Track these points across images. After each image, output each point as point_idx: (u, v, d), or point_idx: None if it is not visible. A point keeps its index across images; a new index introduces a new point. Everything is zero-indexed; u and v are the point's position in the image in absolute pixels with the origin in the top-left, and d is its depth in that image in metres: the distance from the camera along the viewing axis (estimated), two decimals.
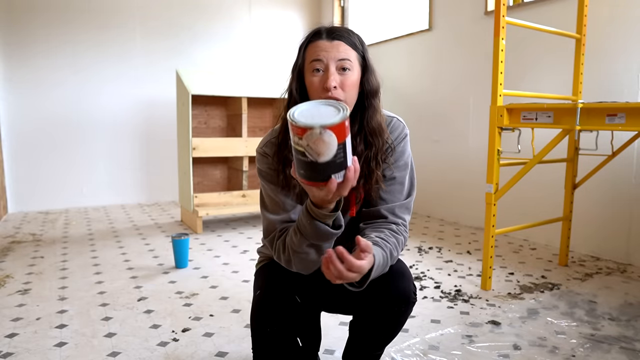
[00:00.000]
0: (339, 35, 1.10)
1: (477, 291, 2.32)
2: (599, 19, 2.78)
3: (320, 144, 0.86)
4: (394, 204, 1.18)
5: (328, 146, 0.87)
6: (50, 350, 1.71)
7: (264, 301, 1.18)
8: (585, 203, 2.90)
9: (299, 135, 0.87)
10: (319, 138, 0.86)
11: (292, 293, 1.19)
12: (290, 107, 1.11)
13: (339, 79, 1.08)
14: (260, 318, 1.17)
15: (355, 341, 1.33)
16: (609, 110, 1.95)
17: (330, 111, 0.91)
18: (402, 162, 1.22)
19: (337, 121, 0.86)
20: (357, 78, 1.11)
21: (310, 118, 0.88)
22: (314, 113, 0.90)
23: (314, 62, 1.09)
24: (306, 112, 0.91)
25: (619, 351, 1.70)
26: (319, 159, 0.88)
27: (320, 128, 0.85)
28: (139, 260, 2.85)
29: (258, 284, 1.26)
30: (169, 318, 2.00)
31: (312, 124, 0.85)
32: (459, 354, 1.68)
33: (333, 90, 1.07)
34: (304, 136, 0.86)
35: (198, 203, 3.64)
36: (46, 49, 4.30)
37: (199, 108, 4.05)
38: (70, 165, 4.49)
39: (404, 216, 1.19)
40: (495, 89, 2.21)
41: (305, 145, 0.87)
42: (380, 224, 1.16)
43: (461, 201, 3.84)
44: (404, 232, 1.17)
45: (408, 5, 4.50)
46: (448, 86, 3.92)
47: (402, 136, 1.23)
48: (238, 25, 5.11)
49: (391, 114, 1.25)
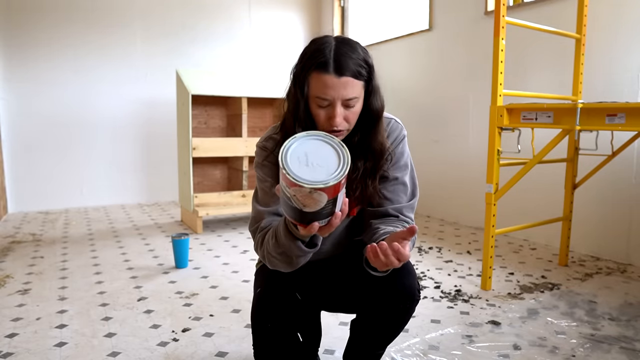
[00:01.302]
0: (346, 68, 1.05)
1: (477, 291, 2.32)
2: (599, 19, 2.78)
3: (309, 199, 0.80)
4: (400, 205, 1.20)
5: (316, 202, 0.81)
6: (50, 350, 1.71)
7: (264, 297, 1.19)
8: (585, 203, 2.90)
9: (287, 185, 0.79)
10: (308, 195, 0.79)
11: (293, 290, 1.20)
12: (294, 114, 1.10)
13: (344, 114, 1.08)
14: (261, 314, 1.18)
15: (356, 340, 1.33)
16: (609, 110, 1.95)
17: (328, 156, 0.83)
18: (402, 162, 1.24)
19: (331, 183, 0.78)
20: (360, 106, 1.11)
21: (304, 163, 0.80)
22: (310, 157, 0.82)
23: (319, 99, 1.07)
24: (301, 153, 0.82)
25: (619, 351, 1.70)
26: (304, 209, 0.82)
27: (310, 188, 0.77)
28: (139, 260, 2.85)
29: (258, 282, 1.27)
30: (169, 318, 2.00)
31: (301, 183, 0.77)
32: (459, 354, 1.68)
33: (338, 124, 1.08)
34: (291, 188, 0.79)
35: (198, 203, 3.64)
36: (46, 49, 4.30)
37: (199, 108, 4.05)
38: (70, 166, 4.49)
39: (411, 216, 1.22)
40: (495, 89, 2.21)
41: (292, 195, 0.80)
42: (393, 221, 1.17)
43: (461, 201, 3.84)
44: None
45: (408, 5, 4.50)
46: (448, 86, 3.92)
47: (400, 138, 1.25)
48: (238, 25, 5.11)
49: (389, 116, 1.26)
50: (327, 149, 0.84)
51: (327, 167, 0.82)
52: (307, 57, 1.08)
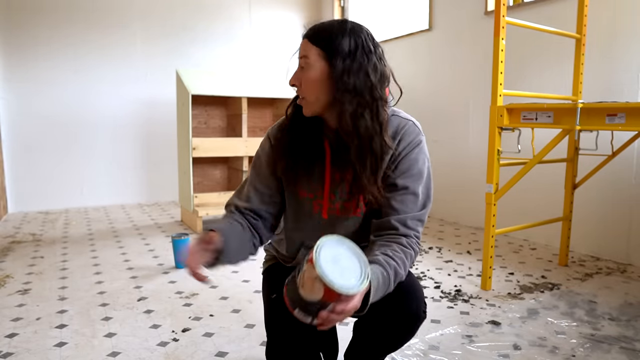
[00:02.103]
0: (307, 33, 1.10)
1: (477, 291, 2.32)
2: (599, 19, 2.78)
3: (309, 283, 0.85)
4: (406, 215, 1.10)
5: (312, 292, 0.85)
6: (50, 350, 1.71)
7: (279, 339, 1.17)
8: (585, 203, 2.90)
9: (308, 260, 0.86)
10: (311, 280, 0.84)
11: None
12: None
13: (298, 77, 1.10)
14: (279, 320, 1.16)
15: (358, 344, 1.31)
16: (609, 110, 1.95)
17: (352, 266, 0.88)
18: (414, 170, 1.13)
19: (335, 287, 0.83)
20: (315, 76, 1.06)
21: (333, 260, 0.86)
22: (341, 258, 0.87)
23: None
24: (335, 251, 0.88)
25: (619, 351, 1.70)
26: (300, 289, 0.87)
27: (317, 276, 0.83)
28: (139, 260, 2.85)
29: (272, 285, 1.25)
30: (169, 318, 2.00)
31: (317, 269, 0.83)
32: (459, 353, 1.68)
33: (291, 86, 1.11)
34: (307, 264, 0.86)
35: (198, 203, 3.64)
36: (46, 49, 4.30)
37: (199, 108, 4.05)
38: (70, 165, 4.49)
39: (417, 228, 1.12)
40: (495, 89, 2.21)
41: (303, 269, 0.86)
42: (391, 237, 1.09)
43: (461, 201, 3.84)
44: (414, 246, 1.10)
45: (408, 5, 4.50)
46: (448, 86, 3.92)
47: (415, 143, 1.13)
48: (238, 25, 5.11)
49: (408, 117, 1.17)
50: (356, 265, 0.89)
51: (347, 275, 0.86)
52: None
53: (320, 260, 0.83)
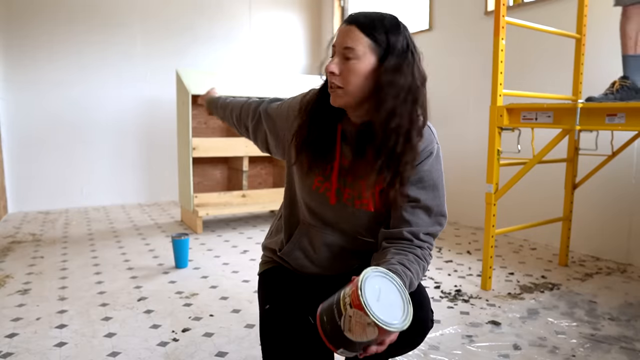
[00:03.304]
0: (356, 20, 1.03)
1: (477, 291, 2.32)
2: (599, 19, 2.78)
3: (360, 329, 0.82)
4: (419, 229, 1.07)
5: (363, 335, 0.83)
6: (50, 350, 1.71)
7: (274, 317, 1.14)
8: (585, 203, 2.90)
9: (353, 305, 0.82)
10: (364, 325, 0.82)
11: (305, 313, 1.13)
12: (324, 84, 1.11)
13: (340, 66, 1.03)
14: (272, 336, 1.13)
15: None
16: (608, 110, 1.95)
17: (395, 301, 0.86)
18: (427, 182, 1.09)
19: (392, 329, 0.81)
20: (363, 68, 1.01)
21: (377, 297, 0.83)
22: (382, 295, 0.85)
23: (332, 48, 1.06)
24: (375, 286, 0.85)
25: (619, 351, 1.70)
26: (346, 333, 0.84)
27: (374, 322, 0.80)
28: (139, 260, 2.85)
29: (266, 293, 1.23)
30: (169, 318, 2.00)
31: (370, 315, 0.80)
32: (459, 353, 1.68)
33: (329, 75, 1.04)
34: (354, 309, 0.82)
35: (198, 203, 3.64)
36: (47, 49, 4.30)
37: (199, 108, 4.05)
38: (70, 165, 4.49)
39: (430, 241, 1.10)
40: (495, 89, 2.21)
41: (348, 315, 0.82)
42: (405, 246, 1.06)
43: (461, 201, 3.84)
44: (428, 258, 1.08)
45: (408, 5, 4.50)
46: (448, 86, 3.92)
47: (427, 151, 1.10)
48: (238, 25, 5.11)
49: (427, 123, 1.12)
50: (395, 294, 0.87)
51: (394, 311, 0.84)
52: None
53: (371, 308, 0.81)
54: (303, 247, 1.23)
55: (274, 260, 1.32)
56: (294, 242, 1.24)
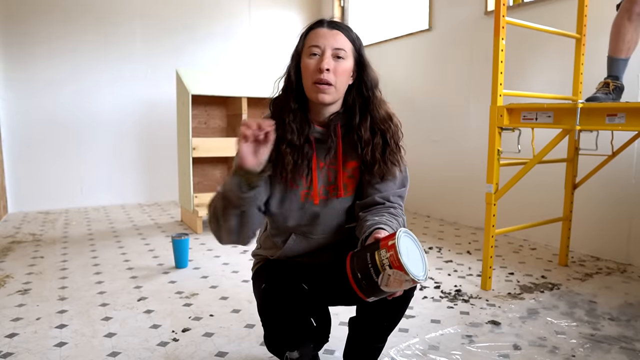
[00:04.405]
0: (339, 26, 1.20)
1: (477, 291, 2.32)
2: (599, 19, 2.78)
3: (397, 284, 0.94)
4: (387, 193, 1.23)
5: (399, 287, 0.95)
6: (50, 350, 1.71)
7: (272, 289, 1.20)
8: (585, 203, 2.90)
9: (392, 266, 0.93)
10: (401, 281, 0.94)
11: (299, 281, 1.23)
12: (286, 89, 1.22)
13: (333, 64, 1.15)
14: (271, 305, 1.19)
15: (356, 335, 1.34)
16: (609, 110, 1.95)
17: (417, 256, 0.99)
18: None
19: (422, 280, 0.95)
20: (349, 68, 1.18)
21: (407, 255, 0.94)
22: (410, 252, 0.97)
23: (312, 47, 1.16)
24: (404, 246, 0.95)
25: (619, 351, 1.70)
26: (383, 287, 0.95)
27: (412, 279, 0.93)
28: (139, 260, 2.85)
29: (262, 279, 1.28)
30: (169, 318, 2.00)
31: (409, 273, 0.92)
32: (459, 353, 1.68)
33: (325, 72, 1.13)
34: (394, 269, 0.93)
35: (198, 203, 3.64)
36: (46, 49, 4.30)
37: (199, 108, 4.05)
38: (70, 165, 4.49)
39: (399, 202, 1.25)
40: (495, 89, 2.21)
41: (387, 273, 0.93)
42: (379, 209, 1.20)
43: (461, 201, 3.84)
44: (402, 214, 1.23)
45: (408, 5, 4.50)
46: (448, 86, 3.92)
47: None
48: (238, 25, 5.11)
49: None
50: (416, 249, 1.01)
51: (418, 265, 0.97)
52: (305, 28, 1.23)
53: (410, 268, 0.92)
54: (299, 256, 1.33)
55: (266, 258, 1.41)
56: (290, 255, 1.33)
